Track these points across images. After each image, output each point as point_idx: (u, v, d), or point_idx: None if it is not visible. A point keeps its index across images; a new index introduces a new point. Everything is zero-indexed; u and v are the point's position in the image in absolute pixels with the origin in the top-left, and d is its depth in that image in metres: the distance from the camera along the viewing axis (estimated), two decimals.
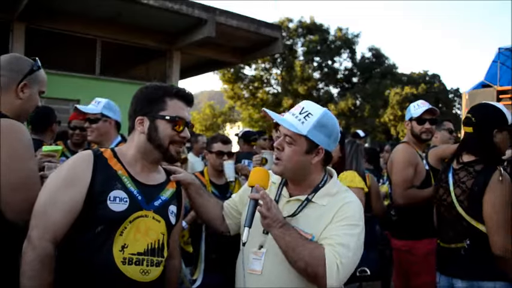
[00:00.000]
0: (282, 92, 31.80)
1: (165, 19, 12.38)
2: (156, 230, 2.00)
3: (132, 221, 1.92)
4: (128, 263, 1.88)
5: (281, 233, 1.92)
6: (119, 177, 1.97)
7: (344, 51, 33.46)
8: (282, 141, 2.07)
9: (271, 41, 14.58)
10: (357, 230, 2.01)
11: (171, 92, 2.08)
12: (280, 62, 31.88)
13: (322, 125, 2.04)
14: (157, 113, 2.03)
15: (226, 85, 31.89)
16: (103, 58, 13.14)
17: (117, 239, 1.88)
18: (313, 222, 2.02)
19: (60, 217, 1.84)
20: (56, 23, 11.83)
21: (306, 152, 2.05)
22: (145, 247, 1.94)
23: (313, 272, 1.89)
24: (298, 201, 2.10)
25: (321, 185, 2.12)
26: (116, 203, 1.90)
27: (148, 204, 2.01)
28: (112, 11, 11.71)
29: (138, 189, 1.99)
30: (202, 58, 15.95)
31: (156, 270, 1.97)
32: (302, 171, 2.10)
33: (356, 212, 2.06)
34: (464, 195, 2.74)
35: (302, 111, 2.07)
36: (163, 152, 2.05)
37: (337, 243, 1.92)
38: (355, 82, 34.20)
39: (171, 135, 2.04)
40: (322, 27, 32.73)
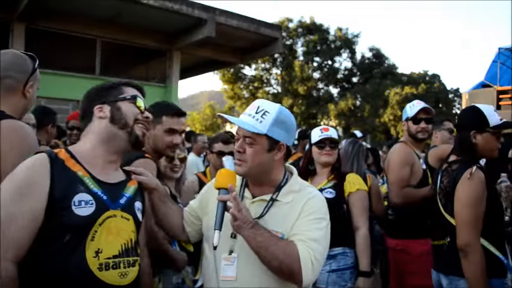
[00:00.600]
0: (282, 92, 31.79)
1: (165, 19, 12.38)
2: (127, 228, 1.91)
3: (102, 223, 1.81)
4: (105, 269, 1.77)
5: (252, 233, 1.89)
6: (80, 179, 1.82)
7: (344, 51, 33.46)
8: (242, 144, 2.05)
9: (271, 41, 14.58)
10: (324, 223, 2.06)
11: (124, 83, 2.09)
12: (280, 62, 31.87)
13: (280, 121, 2.05)
14: (117, 97, 2.01)
15: (226, 85, 31.89)
16: (103, 58, 13.13)
17: (89, 245, 1.75)
18: (281, 220, 2.02)
19: (20, 232, 1.66)
20: (56, 23, 11.82)
21: (268, 150, 2.05)
22: (120, 248, 1.84)
23: (288, 269, 1.89)
24: (263, 201, 2.09)
25: (283, 183, 2.13)
26: (82, 207, 1.76)
27: (115, 203, 1.90)
28: (112, 11, 11.70)
29: (101, 189, 1.87)
30: (202, 58, 15.94)
31: (133, 270, 1.88)
32: (265, 170, 2.09)
33: (322, 206, 2.11)
34: (442, 193, 2.85)
35: (258, 111, 2.05)
36: (129, 132, 1.98)
37: (308, 238, 1.95)
38: (355, 82, 34.18)
39: (135, 113, 2.01)
40: (322, 27, 32.71)
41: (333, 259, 3.42)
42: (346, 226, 3.50)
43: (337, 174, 3.64)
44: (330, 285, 3.39)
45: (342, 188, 3.53)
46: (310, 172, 3.73)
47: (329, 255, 3.42)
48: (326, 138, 3.60)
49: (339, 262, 3.42)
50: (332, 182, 3.58)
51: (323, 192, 3.51)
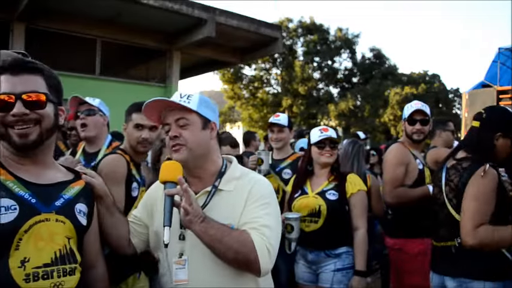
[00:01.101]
0: (282, 92, 31.77)
1: (165, 19, 12.38)
2: (62, 233, 1.71)
3: (29, 230, 1.61)
4: (33, 279, 1.57)
5: (203, 227, 1.83)
6: (0, 184, 1.64)
7: (344, 52, 33.45)
8: (176, 128, 2.00)
9: (271, 41, 14.57)
10: (272, 207, 2.03)
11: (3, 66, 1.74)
12: (280, 62, 31.85)
13: (204, 101, 2.06)
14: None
15: (226, 85, 31.86)
16: (103, 58, 13.13)
17: (14, 255, 1.57)
18: (227, 210, 1.98)
19: None
20: (56, 23, 11.82)
21: (203, 128, 2.04)
22: (53, 255, 1.64)
23: (245, 259, 1.86)
24: (206, 192, 2.04)
25: (223, 170, 2.10)
26: (2, 214, 1.58)
27: (48, 205, 1.71)
28: (112, 11, 11.70)
29: (30, 191, 1.68)
30: (202, 58, 15.93)
31: (71, 279, 1.68)
32: (205, 152, 2.05)
33: (267, 190, 2.07)
34: (453, 193, 2.74)
35: (182, 96, 2.04)
36: (7, 139, 1.70)
37: (260, 225, 1.92)
38: (355, 82, 34.18)
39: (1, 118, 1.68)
40: (322, 27, 32.70)
41: (337, 258, 3.44)
42: (349, 226, 3.51)
43: (337, 174, 3.64)
44: (335, 284, 3.39)
45: (344, 189, 3.53)
46: (308, 172, 3.72)
47: (333, 254, 3.45)
48: (326, 138, 3.59)
49: (343, 261, 3.43)
50: (333, 183, 3.58)
51: (326, 194, 3.52)
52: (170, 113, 2.03)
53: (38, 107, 1.73)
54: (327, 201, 3.49)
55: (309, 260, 3.56)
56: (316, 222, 3.49)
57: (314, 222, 3.50)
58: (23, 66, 1.76)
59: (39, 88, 1.76)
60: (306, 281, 3.61)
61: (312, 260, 3.54)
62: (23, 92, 1.69)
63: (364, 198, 3.59)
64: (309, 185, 3.66)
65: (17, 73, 1.73)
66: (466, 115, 14.91)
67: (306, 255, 3.59)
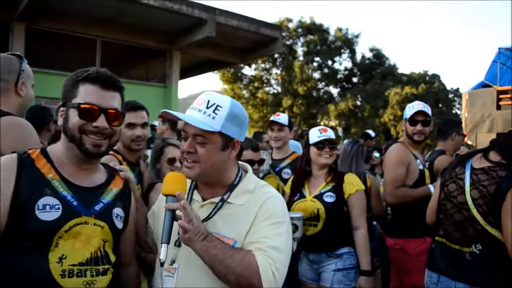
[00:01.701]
0: (282, 92, 31.77)
1: (165, 19, 12.39)
2: (99, 236, 1.79)
3: (69, 230, 1.70)
4: (68, 276, 1.67)
5: (204, 246, 1.70)
6: (47, 182, 1.73)
7: (344, 52, 33.46)
8: (192, 143, 1.82)
9: (271, 41, 14.59)
10: (284, 227, 1.85)
11: (83, 76, 1.82)
12: (280, 62, 31.87)
13: (234, 116, 1.85)
14: (70, 101, 1.80)
15: (226, 85, 31.86)
16: (103, 58, 13.14)
17: (53, 251, 1.67)
18: (232, 224, 1.84)
19: None
20: (56, 23, 11.83)
21: (222, 149, 1.84)
22: (88, 256, 1.73)
23: (248, 283, 1.71)
24: (212, 204, 1.89)
25: (236, 182, 1.93)
26: (47, 212, 1.66)
27: (89, 209, 1.78)
28: (112, 11, 11.71)
29: (72, 193, 1.76)
30: (202, 58, 15.95)
31: (103, 279, 1.77)
32: (219, 171, 1.89)
33: (280, 207, 1.90)
34: (484, 199, 2.53)
35: (209, 105, 1.82)
36: (78, 144, 1.79)
37: (267, 246, 1.76)
38: (355, 82, 34.18)
39: (80, 124, 1.77)
40: (322, 27, 32.70)
41: (338, 258, 3.43)
42: (349, 227, 3.51)
43: (335, 175, 3.62)
44: (335, 284, 3.39)
45: (341, 190, 3.52)
46: (306, 173, 3.71)
47: (335, 255, 3.44)
48: (325, 139, 3.59)
49: (344, 261, 3.43)
50: (331, 185, 3.56)
51: (323, 196, 3.51)
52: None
53: (115, 124, 1.86)
54: (324, 204, 3.47)
55: (310, 259, 3.57)
56: (316, 226, 3.48)
57: (313, 226, 3.49)
58: (112, 83, 1.86)
59: (119, 106, 1.89)
60: (308, 279, 3.61)
61: (313, 260, 3.55)
62: (108, 108, 1.81)
63: (363, 197, 3.58)
64: (306, 188, 3.64)
65: (106, 88, 1.83)
66: (466, 115, 14.91)
67: (308, 254, 3.61)
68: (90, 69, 1.85)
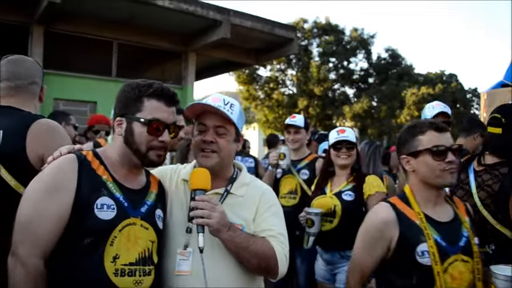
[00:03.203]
0: (298, 93, 31.66)
1: (180, 21, 12.46)
2: (145, 237, 1.88)
3: (121, 230, 1.80)
4: (121, 275, 1.77)
5: (230, 236, 1.91)
6: (104, 183, 1.83)
7: (360, 52, 33.22)
8: (213, 134, 2.06)
9: (286, 41, 14.57)
10: (282, 214, 2.17)
11: (148, 91, 1.90)
12: (295, 62, 31.78)
13: (241, 114, 2.16)
14: (134, 115, 1.89)
15: (242, 86, 31.87)
16: (119, 60, 13.28)
17: (108, 250, 1.76)
18: (238, 212, 2.05)
19: (48, 229, 1.70)
20: (73, 25, 11.99)
21: (234, 141, 2.13)
22: (137, 256, 1.83)
23: (267, 265, 1.99)
24: (217, 194, 2.10)
25: (234, 176, 2.18)
26: (104, 211, 1.77)
27: (136, 210, 1.88)
28: (127, 13, 11.82)
29: (124, 195, 1.86)
30: (217, 59, 16.00)
31: (148, 279, 1.86)
32: (229, 161, 2.16)
33: (275, 198, 2.22)
34: (491, 198, 2.62)
35: (226, 103, 2.08)
36: (141, 157, 1.91)
37: (277, 233, 2.05)
38: (371, 83, 33.90)
39: (148, 140, 1.89)
40: (337, 27, 32.51)
41: None
42: None
43: (357, 176, 3.63)
44: None
45: (361, 190, 3.53)
46: (329, 173, 3.74)
47: (348, 256, 3.43)
48: (342, 140, 3.59)
49: None
50: (351, 184, 3.59)
51: (342, 194, 3.53)
52: (211, 116, 2.07)
53: (175, 137, 2.04)
54: (342, 201, 3.51)
55: (325, 260, 3.59)
56: (331, 222, 3.52)
57: (329, 221, 3.53)
58: (174, 100, 1.98)
59: (179, 121, 2.06)
60: (324, 279, 3.65)
61: (327, 260, 3.57)
62: (171, 123, 1.95)
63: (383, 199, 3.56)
64: (329, 186, 3.70)
65: (169, 105, 1.95)
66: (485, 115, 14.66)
67: (322, 254, 3.64)
68: (153, 83, 1.93)
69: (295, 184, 4.35)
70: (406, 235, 2.09)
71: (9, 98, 2.33)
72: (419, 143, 2.14)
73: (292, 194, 4.37)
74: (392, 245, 2.12)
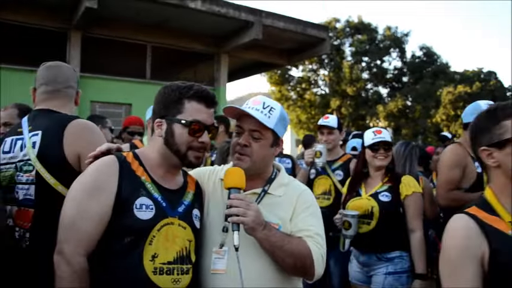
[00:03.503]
0: (330, 93, 31.42)
1: (212, 23, 12.57)
2: (183, 237, 1.91)
3: (160, 229, 1.84)
4: (159, 273, 1.80)
5: (265, 235, 1.90)
6: (142, 184, 1.88)
7: (393, 51, 32.67)
8: (247, 137, 2.06)
9: (318, 41, 14.49)
10: (319, 214, 2.14)
11: (189, 93, 1.95)
12: (327, 62, 31.55)
13: (283, 118, 2.12)
14: (174, 117, 1.93)
15: (274, 87, 31.86)
16: (153, 62, 13.51)
17: (147, 249, 1.80)
18: (275, 211, 2.05)
19: (91, 229, 1.76)
20: (109, 30, 12.29)
21: (271, 146, 2.11)
22: (175, 255, 1.86)
23: (302, 266, 1.96)
24: (254, 194, 2.10)
25: (273, 176, 2.18)
26: (143, 211, 1.81)
27: (173, 210, 1.92)
28: (161, 16, 12.01)
29: (161, 195, 1.90)
30: (249, 60, 16.06)
31: (186, 278, 1.89)
32: (265, 165, 2.15)
33: (313, 198, 2.20)
34: None
35: (265, 106, 2.07)
36: (181, 158, 1.94)
37: (314, 233, 2.02)
38: (405, 82, 33.28)
39: (188, 141, 1.92)
40: (370, 26, 32.10)
41: (389, 262, 3.40)
42: (402, 229, 3.45)
43: (392, 176, 3.58)
44: (386, 287, 3.35)
45: (398, 191, 3.48)
46: (363, 175, 3.69)
47: (385, 258, 3.41)
48: (379, 141, 3.55)
49: (395, 265, 3.38)
50: (387, 185, 3.54)
51: (379, 195, 3.49)
52: (247, 119, 2.07)
53: (213, 139, 2.08)
54: (379, 202, 3.45)
55: (360, 262, 3.55)
56: (369, 224, 3.46)
57: (367, 223, 3.48)
58: (214, 102, 2.02)
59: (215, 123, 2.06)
60: (358, 281, 3.60)
61: (363, 262, 3.52)
62: (210, 125, 1.98)
63: (420, 200, 3.52)
64: (363, 187, 3.64)
65: (209, 106, 1.99)
66: None
67: (358, 256, 3.59)
68: (193, 85, 1.98)
69: (329, 185, 4.33)
70: (500, 251, 1.62)
71: (47, 101, 2.45)
72: (505, 129, 1.71)
73: (326, 195, 4.34)
74: (485, 266, 1.63)
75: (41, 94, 2.47)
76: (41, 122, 2.34)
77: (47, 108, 2.42)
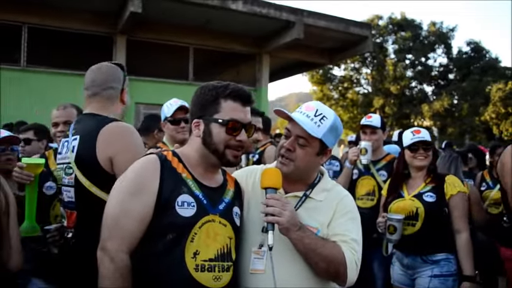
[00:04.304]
0: (373, 91, 30.91)
1: (254, 23, 12.62)
2: (223, 234, 1.92)
3: (201, 226, 1.85)
4: (201, 270, 1.81)
5: (299, 236, 1.89)
6: (184, 181, 1.89)
7: (438, 47, 31.75)
8: (293, 143, 2.04)
9: (360, 40, 14.29)
10: (358, 221, 2.10)
11: (225, 93, 1.94)
12: (370, 61, 31.06)
13: (335, 128, 2.07)
14: (211, 116, 1.94)
15: (315, 86, 31.69)
16: (195, 64, 13.70)
17: (189, 246, 1.81)
18: (314, 216, 2.04)
19: (134, 227, 1.79)
20: (153, 33, 12.56)
21: (317, 154, 2.07)
22: (216, 253, 1.87)
23: (335, 270, 1.93)
24: (296, 197, 2.09)
25: (316, 181, 2.15)
26: (184, 208, 1.83)
27: (214, 208, 1.93)
28: (202, 18, 12.16)
29: (202, 192, 1.91)
30: (291, 60, 16.03)
31: (227, 275, 1.89)
32: (307, 172, 2.12)
33: (354, 205, 2.15)
34: None
35: (317, 114, 2.04)
36: (220, 157, 1.95)
37: (350, 239, 1.98)
38: (451, 79, 32.26)
39: (226, 140, 1.93)
40: (414, 22, 31.36)
41: (435, 264, 3.30)
42: (448, 231, 3.35)
43: (435, 176, 3.49)
44: None
45: (442, 191, 3.38)
46: (404, 176, 3.60)
47: (431, 260, 3.32)
48: (419, 141, 3.47)
49: (441, 268, 3.29)
50: (430, 185, 3.44)
51: (423, 196, 3.40)
52: (295, 124, 2.04)
53: (250, 137, 2.07)
54: (424, 203, 3.36)
55: (404, 264, 3.46)
56: (414, 226, 3.37)
57: (411, 225, 3.39)
58: (250, 100, 2.02)
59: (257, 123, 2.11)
60: (402, 284, 3.52)
61: (407, 264, 3.43)
62: (247, 123, 1.99)
63: (465, 200, 3.41)
64: (405, 188, 3.55)
65: (245, 105, 1.99)
66: None
67: (402, 259, 3.49)
68: (229, 84, 1.98)
69: (372, 185, 4.25)
70: None
71: (89, 105, 2.51)
72: None
73: (369, 196, 4.26)
74: None
75: (85, 99, 2.54)
76: (81, 127, 2.41)
77: (89, 112, 2.49)
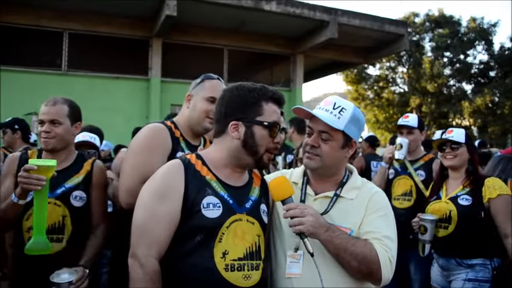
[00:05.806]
0: (409, 90, 30.26)
1: (288, 24, 12.61)
2: (252, 232, 1.94)
3: (229, 226, 1.88)
4: (231, 270, 1.83)
5: (328, 237, 1.89)
6: (208, 183, 1.91)
7: (479, 44, 30.78)
8: (316, 138, 2.05)
9: (396, 38, 14.05)
10: (391, 217, 2.07)
11: (267, 95, 1.97)
12: (406, 59, 30.44)
13: (356, 119, 2.06)
14: (254, 118, 1.94)
15: (350, 86, 31.31)
16: (230, 66, 13.79)
17: (217, 246, 1.84)
18: (346, 216, 2.03)
19: (162, 232, 1.81)
20: (187, 36, 12.75)
21: (342, 147, 2.07)
22: (244, 252, 1.89)
23: (368, 269, 1.90)
24: (327, 198, 2.09)
25: (345, 179, 2.15)
26: (210, 210, 1.85)
27: (241, 206, 1.95)
28: (237, 20, 12.25)
29: (228, 192, 1.93)
30: (325, 60, 15.92)
31: (256, 273, 1.91)
32: (335, 167, 2.12)
33: (386, 201, 2.12)
34: None
35: (335, 107, 2.04)
36: (258, 159, 1.98)
37: (382, 236, 1.95)
38: (492, 76, 31.21)
39: (268, 142, 1.96)
40: (452, 19, 30.51)
41: (470, 268, 3.25)
42: (485, 235, 3.26)
43: (474, 179, 3.41)
44: None
45: (479, 194, 3.29)
46: (444, 177, 3.56)
47: (466, 264, 3.27)
48: (446, 140, 3.47)
49: (477, 273, 3.23)
50: (468, 188, 3.38)
51: (458, 199, 3.35)
52: (316, 120, 2.05)
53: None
54: (458, 206, 3.32)
55: (440, 265, 3.46)
56: (446, 228, 3.35)
57: (444, 228, 3.36)
58: (283, 102, 2.06)
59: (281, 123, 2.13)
60: (438, 285, 3.52)
61: (442, 266, 3.42)
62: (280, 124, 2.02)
63: (508, 203, 3.27)
64: (444, 190, 3.53)
65: (280, 107, 2.04)
66: None
67: (437, 259, 3.50)
68: (266, 87, 2.01)
69: (409, 185, 4.18)
70: None
71: None
72: None
73: (406, 196, 4.19)
74: None
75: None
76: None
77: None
